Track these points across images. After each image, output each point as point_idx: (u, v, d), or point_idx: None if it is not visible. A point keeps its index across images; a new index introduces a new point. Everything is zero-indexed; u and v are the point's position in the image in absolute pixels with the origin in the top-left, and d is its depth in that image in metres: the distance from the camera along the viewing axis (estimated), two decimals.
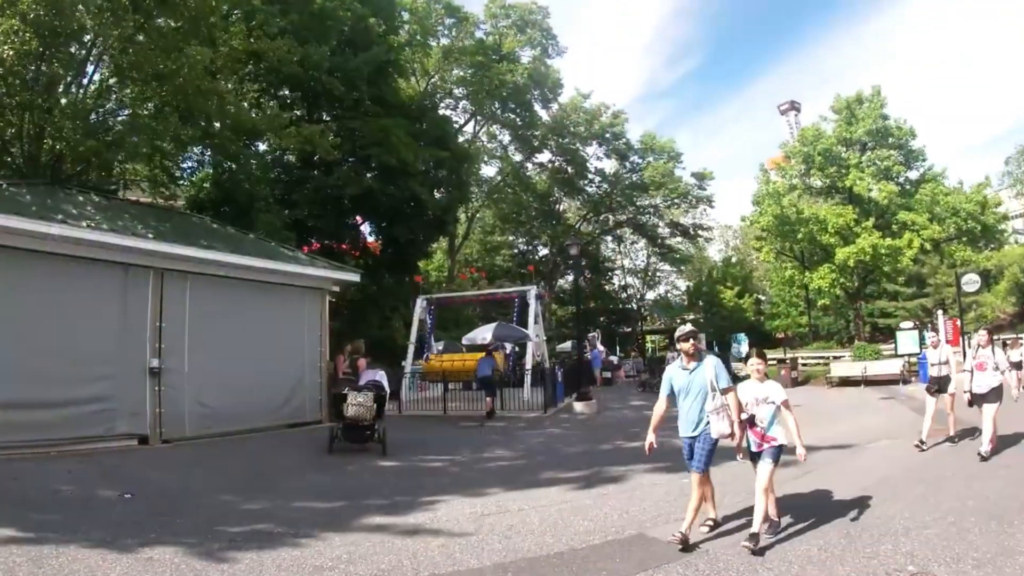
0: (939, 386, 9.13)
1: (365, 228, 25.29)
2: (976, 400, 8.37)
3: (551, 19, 34.53)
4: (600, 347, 39.14)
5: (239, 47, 14.25)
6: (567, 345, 32.87)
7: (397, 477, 8.51)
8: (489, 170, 42.39)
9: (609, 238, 48.10)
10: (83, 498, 6.59)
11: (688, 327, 5.55)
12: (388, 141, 21.33)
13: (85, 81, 13.03)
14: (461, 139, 39.64)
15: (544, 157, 40.61)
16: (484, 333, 17.97)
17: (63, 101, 12.04)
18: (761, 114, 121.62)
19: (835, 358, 26.20)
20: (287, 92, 20.93)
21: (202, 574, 4.55)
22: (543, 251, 45.15)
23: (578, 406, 15.68)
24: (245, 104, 15.82)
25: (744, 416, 5.27)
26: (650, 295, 50.99)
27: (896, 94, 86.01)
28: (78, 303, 9.40)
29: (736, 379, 23.54)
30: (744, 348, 31.82)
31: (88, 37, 12.05)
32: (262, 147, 20.59)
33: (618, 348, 45.76)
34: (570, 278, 51.52)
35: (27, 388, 8.50)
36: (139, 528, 5.51)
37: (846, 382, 21.07)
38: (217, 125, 14.24)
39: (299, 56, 16.60)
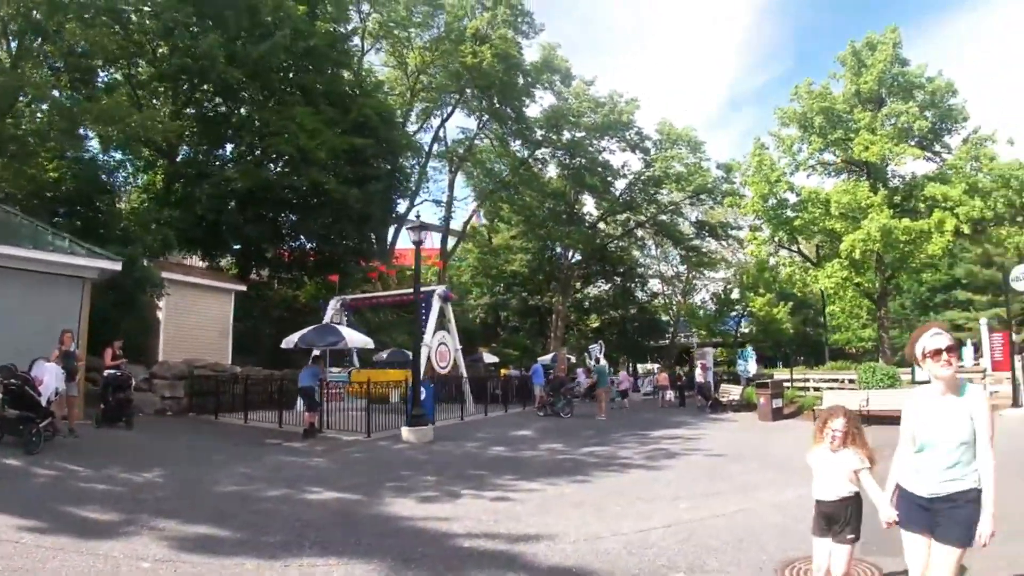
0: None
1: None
2: None
3: None
4: (601, 359, 35.17)
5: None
6: (547, 358, 29.41)
7: None
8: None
9: (644, 240, 44.16)
10: None
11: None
12: (289, 129, 19.66)
13: None
14: (463, 136, 37.48)
15: (549, 152, 37.55)
16: (294, 338, 15.71)
17: None
18: None
19: (850, 382, 20.02)
20: (166, 86, 20.12)
21: None
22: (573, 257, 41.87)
23: (406, 433, 12.53)
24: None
25: None
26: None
27: None
28: None
29: (717, 405, 17.60)
30: (751, 366, 26.63)
31: None
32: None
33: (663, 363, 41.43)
34: (603, 286, 48.10)
35: None
36: None
37: None
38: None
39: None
